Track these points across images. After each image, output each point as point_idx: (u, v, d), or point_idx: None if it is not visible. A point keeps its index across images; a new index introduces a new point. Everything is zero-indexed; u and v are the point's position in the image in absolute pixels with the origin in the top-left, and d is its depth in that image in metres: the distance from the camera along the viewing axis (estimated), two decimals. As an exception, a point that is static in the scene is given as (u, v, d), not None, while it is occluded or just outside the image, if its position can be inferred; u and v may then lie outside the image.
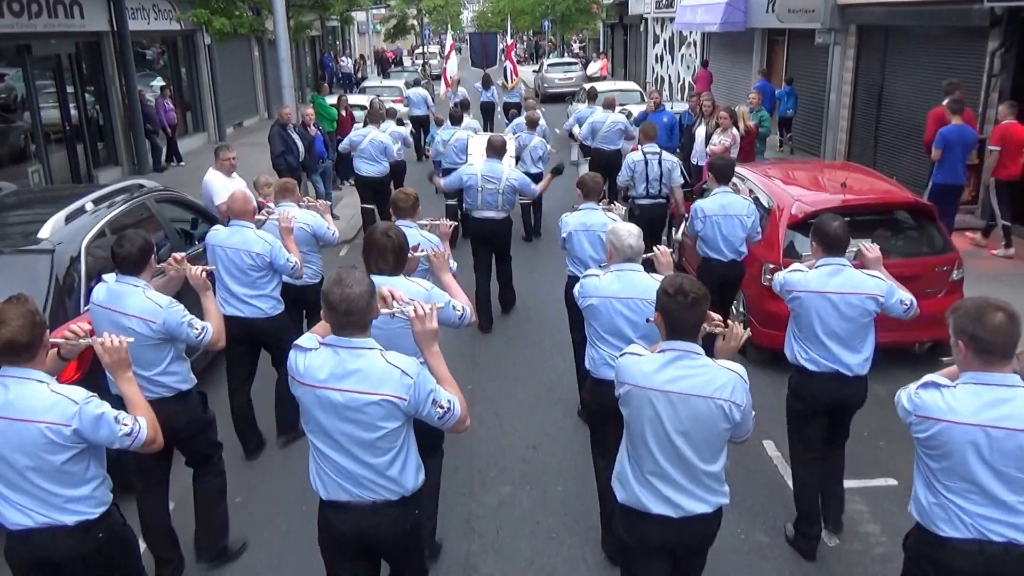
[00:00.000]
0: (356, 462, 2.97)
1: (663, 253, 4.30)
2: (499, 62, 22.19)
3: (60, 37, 14.15)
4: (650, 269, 4.28)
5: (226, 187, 7.54)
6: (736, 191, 6.56)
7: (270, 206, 6.09)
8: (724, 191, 6.34)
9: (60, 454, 2.89)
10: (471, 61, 25.65)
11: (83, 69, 15.42)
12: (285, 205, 5.93)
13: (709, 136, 10.43)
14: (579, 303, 4.33)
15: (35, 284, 4.09)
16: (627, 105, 15.61)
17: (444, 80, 18.94)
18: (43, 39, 13.69)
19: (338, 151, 13.26)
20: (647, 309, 3.78)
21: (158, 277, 4.25)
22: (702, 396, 2.95)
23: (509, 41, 22.17)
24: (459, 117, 11.50)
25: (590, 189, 5.90)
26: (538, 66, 36.08)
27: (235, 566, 4.55)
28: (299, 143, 11.16)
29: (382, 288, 3.21)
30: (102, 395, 3.05)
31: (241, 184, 7.72)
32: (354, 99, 16.72)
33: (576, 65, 32.94)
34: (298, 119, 11.67)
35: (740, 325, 3.29)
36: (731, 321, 3.32)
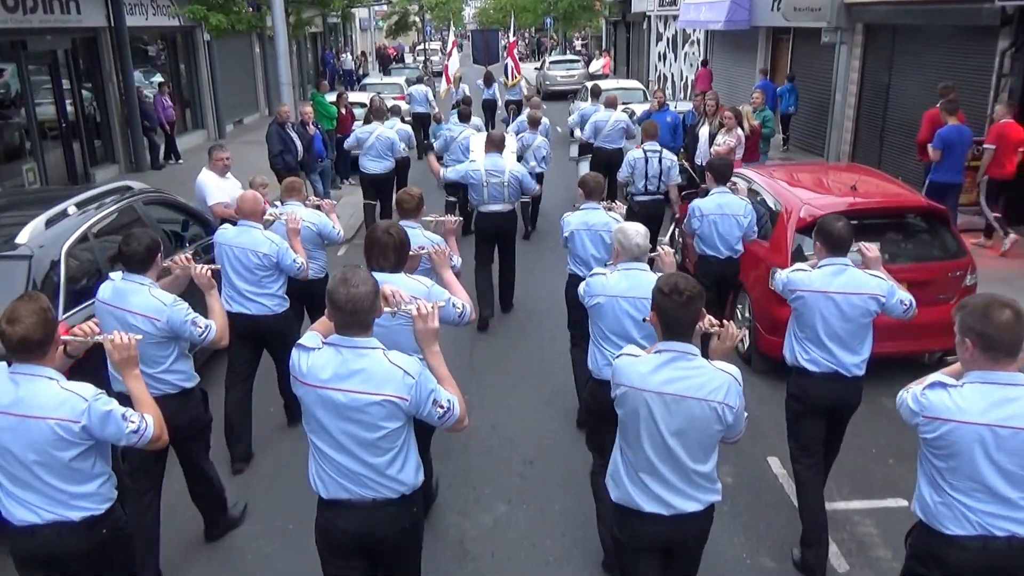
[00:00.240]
0: (357, 461, 2.98)
1: (667, 253, 4.31)
2: (501, 59, 22.01)
3: (56, 33, 13.98)
4: (653, 269, 4.26)
5: (219, 187, 7.47)
6: (735, 190, 6.62)
7: (269, 207, 6.02)
8: (722, 191, 6.45)
9: (68, 450, 2.93)
10: (473, 58, 25.50)
11: (80, 65, 15.22)
12: (291, 204, 6.02)
13: (713, 136, 10.27)
14: (585, 302, 4.31)
15: (11, 291, 3.89)
16: (631, 104, 15.51)
17: (446, 77, 18.76)
18: (39, 35, 13.51)
19: (339, 149, 13.11)
20: None
21: (164, 276, 4.29)
22: (696, 398, 2.97)
23: (511, 38, 21.95)
24: (468, 115, 11.41)
25: (592, 188, 5.90)
26: (540, 63, 35.92)
27: (234, 567, 4.48)
28: (298, 142, 10.99)
29: (385, 287, 3.21)
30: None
31: (235, 184, 7.62)
32: (354, 97, 16.51)
33: (578, 63, 32.84)
34: (297, 117, 11.50)
35: (734, 325, 3.27)
36: (727, 321, 3.30)
